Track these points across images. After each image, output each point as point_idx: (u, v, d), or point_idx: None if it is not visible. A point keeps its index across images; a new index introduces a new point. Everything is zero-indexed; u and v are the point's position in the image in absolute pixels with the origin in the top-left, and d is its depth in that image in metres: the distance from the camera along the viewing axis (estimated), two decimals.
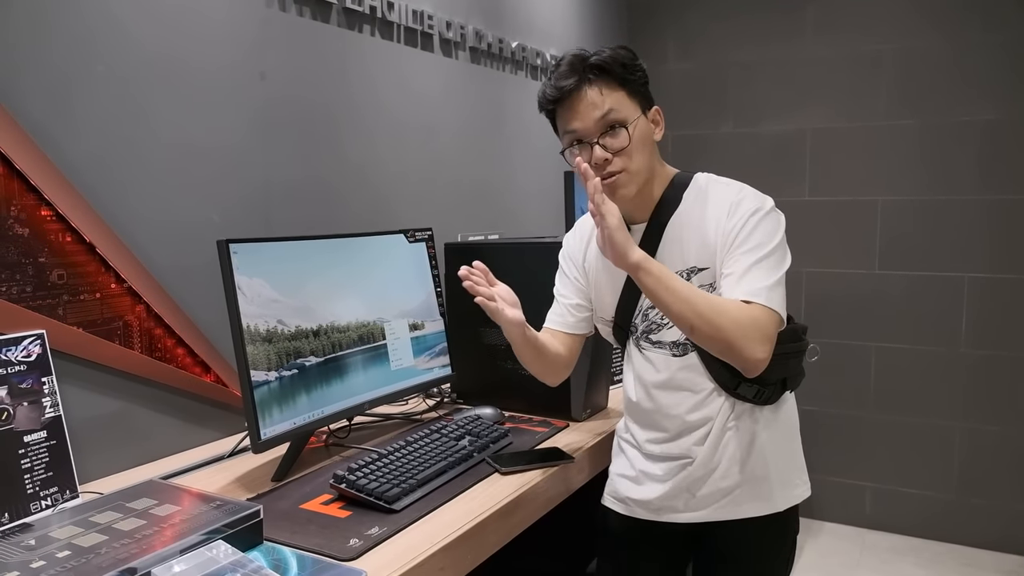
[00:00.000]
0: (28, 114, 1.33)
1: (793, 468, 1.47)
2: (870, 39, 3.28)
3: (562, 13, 3.13)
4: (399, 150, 2.23)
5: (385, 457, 1.38)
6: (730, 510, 1.39)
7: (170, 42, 1.57)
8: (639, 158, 1.33)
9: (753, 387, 1.35)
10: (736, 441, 1.38)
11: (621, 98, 1.33)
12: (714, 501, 1.39)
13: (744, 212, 1.31)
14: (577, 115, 1.33)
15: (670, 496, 1.41)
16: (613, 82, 1.33)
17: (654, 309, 1.38)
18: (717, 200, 1.35)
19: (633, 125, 1.32)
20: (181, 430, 1.62)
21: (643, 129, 1.34)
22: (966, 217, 3.18)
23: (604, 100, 1.32)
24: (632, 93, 1.34)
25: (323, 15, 1.94)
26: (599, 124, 1.32)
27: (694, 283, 1.32)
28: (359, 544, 1.13)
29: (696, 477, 1.39)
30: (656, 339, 1.41)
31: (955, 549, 3.25)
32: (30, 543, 1.03)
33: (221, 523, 1.08)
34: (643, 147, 1.34)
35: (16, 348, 1.24)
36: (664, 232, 1.37)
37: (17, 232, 1.33)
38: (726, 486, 1.38)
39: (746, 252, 1.29)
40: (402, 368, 1.73)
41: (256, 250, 1.41)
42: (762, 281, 1.26)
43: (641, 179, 1.35)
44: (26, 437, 1.23)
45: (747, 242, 1.29)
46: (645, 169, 1.35)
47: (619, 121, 1.32)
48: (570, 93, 1.33)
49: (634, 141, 1.32)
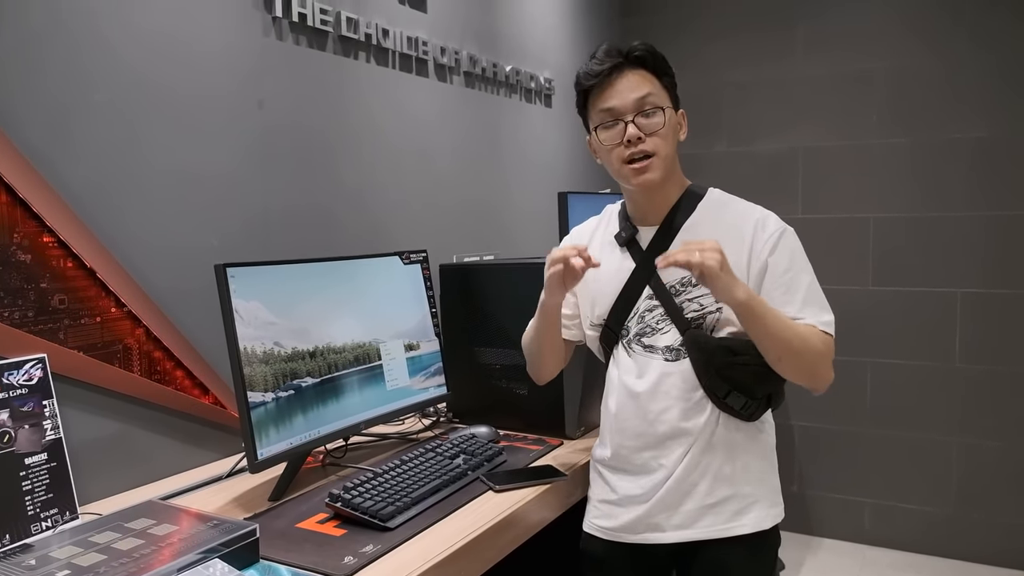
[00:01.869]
0: (30, 142, 1.37)
1: (773, 488, 1.46)
2: (861, 58, 3.33)
3: (556, 37, 3.19)
4: (395, 174, 2.27)
5: (380, 476, 1.41)
6: (718, 528, 1.38)
7: (168, 71, 1.61)
8: (670, 144, 1.39)
9: (741, 398, 1.36)
10: (722, 457, 1.38)
11: (658, 87, 1.40)
12: (700, 518, 1.38)
13: (773, 232, 1.38)
14: (616, 93, 1.38)
15: (653, 514, 1.40)
16: (649, 72, 1.39)
17: (651, 312, 1.41)
18: (737, 216, 1.41)
19: (668, 112, 1.38)
20: (180, 451, 1.64)
21: (673, 121, 1.40)
22: (958, 233, 3.21)
23: (644, 83, 1.38)
24: (666, 87, 1.41)
25: (319, 43, 1.99)
26: (636, 104, 1.37)
27: (701, 290, 1.35)
28: (354, 562, 1.15)
29: (679, 491, 1.38)
30: (648, 343, 1.41)
31: (955, 564, 3.25)
32: (30, 563, 1.05)
33: (218, 542, 1.10)
34: (672, 136, 1.40)
35: (18, 372, 1.27)
36: (676, 237, 1.41)
37: (20, 258, 1.36)
38: (711, 503, 1.38)
39: (796, 274, 1.36)
40: (398, 388, 1.76)
41: (253, 273, 1.44)
42: (820, 306, 1.36)
43: (667, 168, 1.40)
44: (27, 459, 1.25)
45: (792, 266, 1.37)
46: (671, 160, 1.41)
47: (657, 104, 1.37)
48: (611, 73, 1.38)
49: (668, 127, 1.38)
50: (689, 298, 1.38)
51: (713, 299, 1.34)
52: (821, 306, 1.36)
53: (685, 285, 1.38)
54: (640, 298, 1.42)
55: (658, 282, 1.40)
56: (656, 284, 1.41)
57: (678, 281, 1.39)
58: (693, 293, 1.38)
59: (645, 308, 1.42)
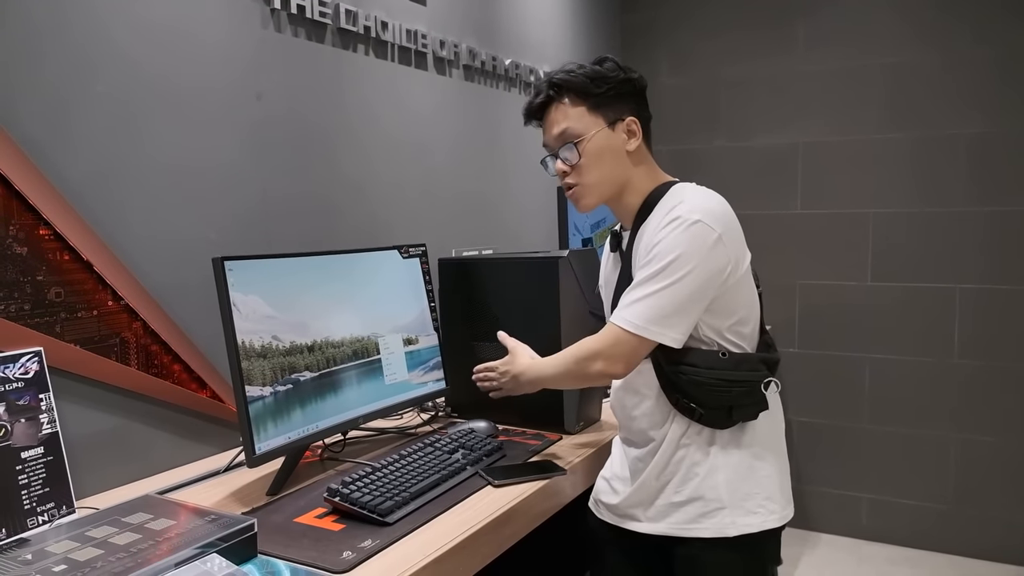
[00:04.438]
0: (26, 134, 1.36)
1: (753, 496, 1.38)
2: (860, 54, 3.32)
3: (555, 30, 3.17)
4: (394, 167, 2.26)
5: (379, 471, 1.40)
6: (682, 527, 1.39)
7: (167, 63, 1.60)
8: (593, 172, 1.40)
9: (691, 405, 1.34)
10: (691, 459, 1.38)
11: (581, 114, 1.40)
12: (667, 515, 1.40)
13: (667, 225, 1.30)
14: (545, 130, 1.46)
15: (631, 504, 1.44)
16: (575, 97, 1.40)
17: None
18: (666, 212, 1.34)
19: (587, 140, 1.38)
20: (177, 445, 1.63)
21: (601, 143, 1.39)
22: (957, 229, 3.21)
23: (562, 117, 1.41)
24: (596, 107, 1.39)
25: (318, 35, 1.97)
26: (557, 139, 1.42)
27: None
28: (352, 557, 1.15)
29: (652, 486, 1.41)
30: None
31: (952, 560, 3.26)
32: (27, 558, 1.04)
33: (215, 537, 1.09)
34: (600, 161, 1.39)
35: (14, 365, 1.26)
36: (638, 240, 1.38)
37: (16, 251, 1.35)
38: (678, 501, 1.38)
39: (649, 271, 1.30)
40: (396, 383, 1.75)
41: (251, 267, 1.43)
42: (639, 308, 1.30)
43: (602, 190, 1.42)
44: (23, 453, 1.24)
45: (654, 260, 1.30)
46: (605, 181, 1.41)
47: (572, 137, 1.39)
48: (537, 110, 1.46)
49: (586, 156, 1.39)
50: None
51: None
52: (636, 309, 1.30)
53: None
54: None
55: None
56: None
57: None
58: None
59: None
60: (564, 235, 2.55)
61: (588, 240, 2.66)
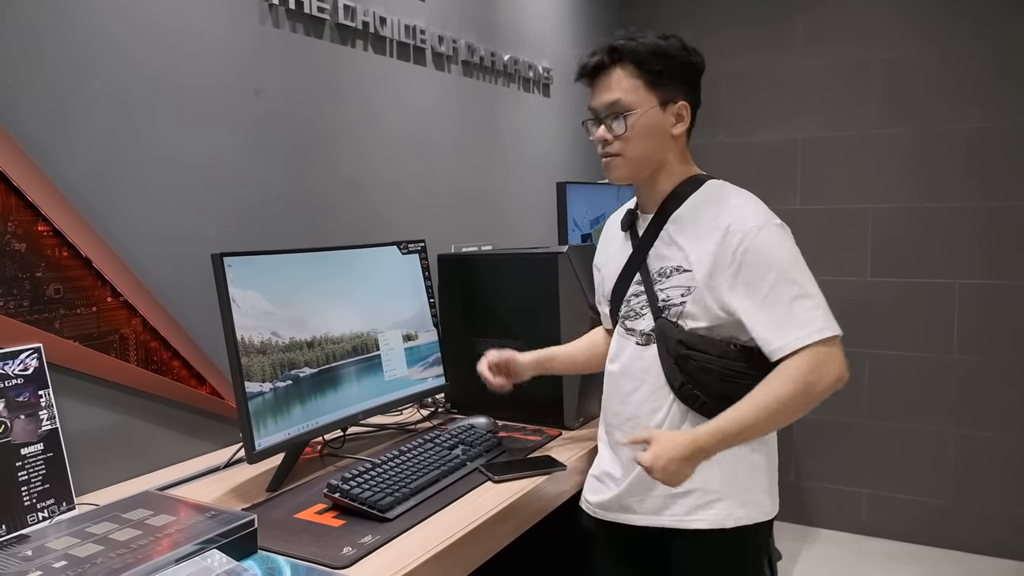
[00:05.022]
0: (24, 131, 1.36)
1: (751, 489, 1.39)
2: (859, 49, 3.31)
3: (553, 25, 3.17)
4: (393, 163, 2.26)
5: (379, 466, 1.40)
6: (679, 519, 1.39)
7: (165, 60, 1.60)
8: (637, 147, 1.38)
9: (695, 393, 1.35)
10: None
11: (637, 86, 1.37)
12: (665, 507, 1.40)
13: (747, 234, 1.30)
14: (595, 94, 1.41)
15: (625, 495, 1.44)
16: (635, 69, 1.37)
17: (637, 297, 1.43)
18: (718, 214, 1.34)
19: (637, 115, 1.36)
20: (177, 442, 1.63)
21: (651, 121, 1.37)
22: (956, 224, 3.21)
23: (618, 85, 1.37)
24: (653, 83, 1.37)
25: (316, 31, 1.97)
26: (608, 107, 1.38)
27: (672, 282, 1.36)
28: (352, 552, 1.15)
29: (646, 478, 1.35)
30: (630, 326, 1.45)
31: (951, 555, 3.26)
32: (27, 554, 1.04)
33: (215, 532, 1.09)
34: (645, 138, 1.37)
35: (13, 362, 1.26)
36: (663, 227, 1.40)
37: (15, 247, 1.35)
38: (677, 492, 1.37)
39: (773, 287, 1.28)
40: (396, 378, 1.75)
41: (250, 263, 1.43)
42: (806, 318, 1.28)
43: (638, 166, 1.40)
44: (23, 450, 1.24)
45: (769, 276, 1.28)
46: (644, 158, 1.39)
47: (623, 109, 1.36)
48: (594, 71, 1.40)
49: (634, 131, 1.36)
50: (662, 288, 1.39)
51: (679, 292, 1.35)
52: (806, 318, 1.28)
53: (661, 275, 1.39)
54: (631, 283, 1.45)
55: (645, 269, 1.42)
56: (644, 271, 1.42)
57: (657, 271, 1.40)
58: (664, 284, 1.38)
59: (632, 292, 1.45)
60: (563, 230, 2.55)
61: (587, 236, 2.66)
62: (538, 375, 1.66)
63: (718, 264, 1.32)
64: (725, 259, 1.31)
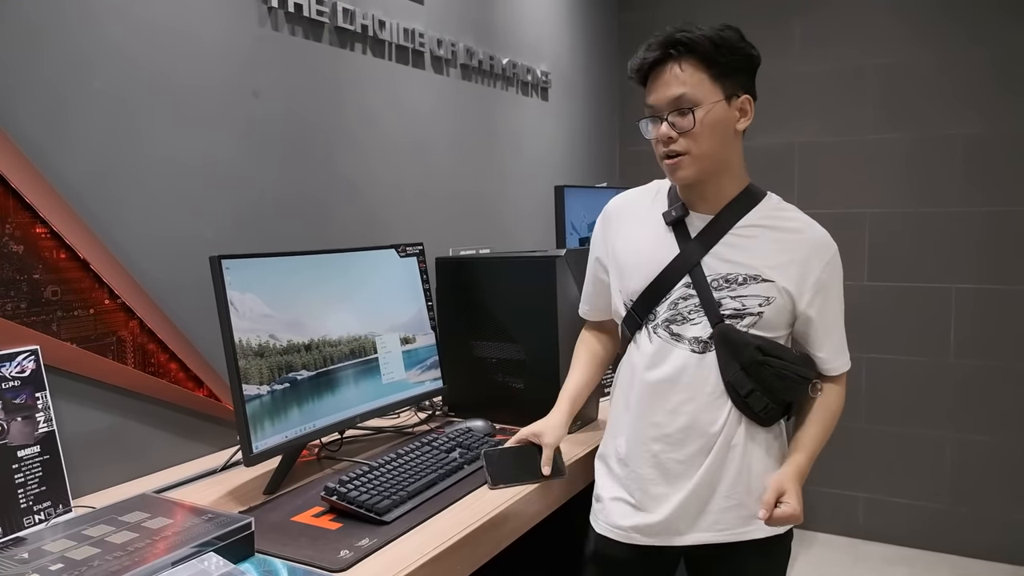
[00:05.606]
0: (23, 132, 1.36)
1: None
2: (856, 54, 3.32)
3: (552, 29, 3.17)
4: (391, 166, 2.26)
5: (376, 469, 1.40)
6: (736, 532, 1.36)
7: (164, 61, 1.60)
8: (706, 143, 1.31)
9: (763, 400, 1.33)
10: (741, 458, 1.35)
11: (701, 80, 1.30)
12: (717, 522, 1.36)
13: (832, 258, 1.39)
14: (654, 90, 1.34)
15: (675, 518, 1.37)
16: (697, 62, 1.31)
17: (685, 301, 1.35)
18: (794, 229, 1.39)
19: (705, 110, 1.30)
20: (174, 444, 1.63)
21: (718, 115, 1.31)
22: (952, 229, 3.22)
23: (681, 80, 1.31)
24: (717, 76, 1.31)
25: (315, 34, 1.97)
26: (671, 102, 1.31)
27: (748, 290, 1.33)
28: (349, 556, 1.15)
29: (701, 494, 1.35)
30: (676, 331, 1.36)
31: (948, 559, 3.26)
32: (23, 556, 1.04)
33: (212, 535, 1.09)
34: (713, 133, 1.31)
35: (10, 364, 1.26)
36: (729, 231, 1.36)
37: (12, 249, 1.35)
38: (730, 505, 1.35)
39: (836, 312, 1.42)
40: (393, 381, 1.75)
41: (248, 266, 1.43)
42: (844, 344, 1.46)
43: (705, 165, 1.33)
44: (20, 452, 1.24)
45: (838, 302, 1.42)
46: (712, 156, 1.33)
47: (689, 104, 1.30)
48: (652, 67, 1.34)
49: (702, 126, 1.30)
50: (732, 295, 1.33)
51: (757, 302, 1.32)
52: (844, 347, 1.45)
53: (730, 282, 1.33)
54: (677, 285, 1.36)
55: (699, 272, 1.34)
56: (697, 275, 1.35)
57: (722, 276, 1.34)
58: (738, 291, 1.33)
59: (680, 296, 1.36)
60: (561, 234, 2.55)
61: (585, 239, 2.66)
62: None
63: (804, 279, 1.35)
64: (811, 276, 1.35)
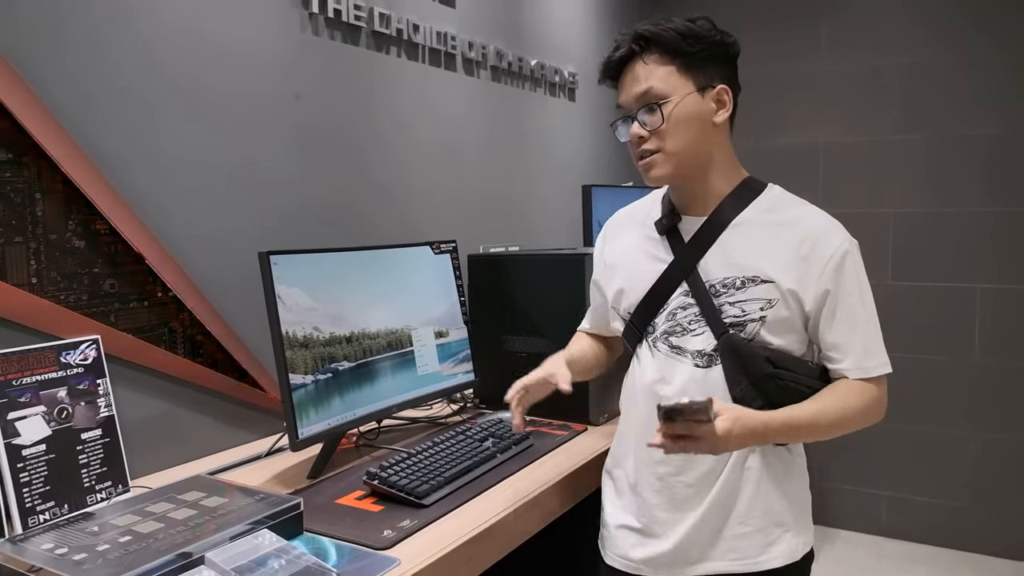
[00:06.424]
0: (90, 139, 1.44)
1: (807, 512, 1.35)
2: (880, 55, 3.35)
3: (579, 31, 3.22)
4: (424, 167, 2.33)
5: (414, 456, 1.47)
6: (751, 561, 1.27)
7: (215, 72, 1.68)
8: (679, 139, 1.24)
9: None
10: (756, 482, 1.27)
11: (668, 73, 1.24)
12: (732, 549, 1.28)
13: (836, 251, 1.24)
14: (623, 89, 1.28)
15: (683, 546, 1.29)
16: (663, 54, 1.25)
17: (684, 311, 1.28)
18: (795, 222, 1.27)
19: (674, 103, 1.23)
20: (220, 431, 1.71)
21: (690, 108, 1.24)
22: (975, 229, 3.23)
23: (647, 75, 1.24)
24: (686, 67, 1.24)
25: (353, 38, 2.04)
26: (639, 98, 1.25)
27: (746, 294, 1.24)
28: (392, 535, 1.21)
29: (712, 521, 1.28)
30: (677, 344, 1.29)
31: (970, 557, 3.28)
32: (93, 529, 1.12)
33: (264, 514, 1.17)
34: (686, 128, 1.24)
35: (74, 352, 1.34)
36: (724, 231, 1.28)
37: (75, 245, 1.43)
38: (745, 531, 1.27)
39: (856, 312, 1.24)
40: (428, 373, 1.82)
41: (294, 261, 1.50)
42: (876, 348, 1.25)
43: (681, 162, 1.25)
44: (83, 434, 1.32)
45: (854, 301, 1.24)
46: (686, 152, 1.25)
47: (656, 98, 1.23)
48: (620, 65, 1.29)
49: (671, 120, 1.23)
50: (731, 301, 1.25)
51: (758, 306, 1.23)
52: (876, 349, 1.25)
53: (728, 287, 1.25)
54: (674, 294, 1.29)
55: (696, 279, 1.27)
56: (694, 281, 1.27)
57: (719, 281, 1.26)
58: (736, 296, 1.24)
59: (678, 305, 1.29)
60: (588, 233, 2.60)
61: None
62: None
63: (808, 277, 1.23)
64: (815, 272, 1.23)
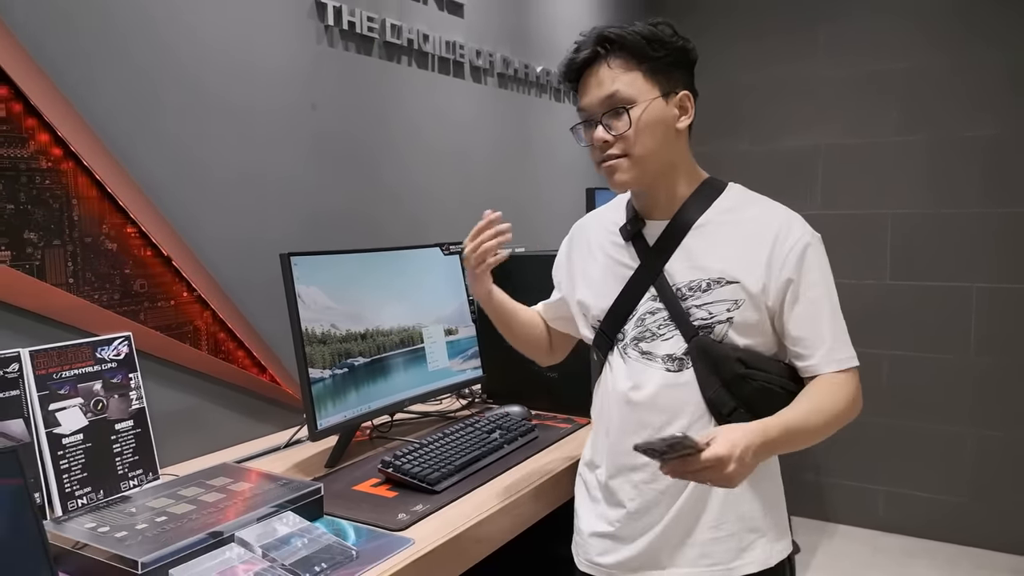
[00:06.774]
0: (122, 149, 1.53)
1: (782, 518, 1.33)
2: (878, 59, 3.43)
3: None
4: (433, 173, 2.42)
5: (426, 446, 1.55)
6: (723, 568, 1.25)
7: (236, 86, 1.77)
8: (646, 143, 1.23)
9: (747, 416, 1.18)
10: None
11: (634, 78, 1.23)
12: (704, 555, 1.25)
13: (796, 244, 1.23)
14: (586, 91, 1.26)
15: (653, 550, 1.28)
16: (629, 59, 1.23)
17: (653, 316, 1.28)
18: (757, 218, 1.26)
19: (641, 108, 1.21)
20: (241, 423, 1.80)
21: (656, 114, 1.22)
22: (972, 229, 3.31)
23: (612, 78, 1.23)
24: (651, 72, 1.23)
25: (366, 49, 2.13)
26: (604, 102, 1.23)
27: (712, 296, 1.23)
28: (407, 518, 1.30)
29: (682, 524, 1.26)
30: (647, 349, 1.28)
31: (967, 551, 3.35)
32: (131, 511, 1.21)
33: (287, 498, 1.26)
34: (652, 133, 1.23)
35: (108, 348, 1.43)
36: (687, 234, 1.27)
37: (107, 247, 1.52)
38: (720, 536, 1.25)
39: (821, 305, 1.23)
40: (438, 369, 1.91)
41: (313, 262, 1.59)
42: (842, 341, 1.23)
43: (644, 167, 1.24)
44: (117, 425, 1.42)
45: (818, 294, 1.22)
46: (653, 156, 1.24)
47: (623, 102, 1.22)
48: (581, 67, 1.26)
49: (639, 125, 1.21)
50: (698, 304, 1.24)
51: (725, 307, 1.22)
52: (843, 341, 1.23)
53: (694, 289, 1.24)
54: (642, 300, 1.29)
55: (663, 283, 1.26)
56: (661, 285, 1.27)
57: (685, 284, 1.25)
58: (703, 298, 1.23)
59: (646, 311, 1.28)
60: None
61: None
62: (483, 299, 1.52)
63: (771, 274, 1.22)
64: (776, 264, 1.22)
